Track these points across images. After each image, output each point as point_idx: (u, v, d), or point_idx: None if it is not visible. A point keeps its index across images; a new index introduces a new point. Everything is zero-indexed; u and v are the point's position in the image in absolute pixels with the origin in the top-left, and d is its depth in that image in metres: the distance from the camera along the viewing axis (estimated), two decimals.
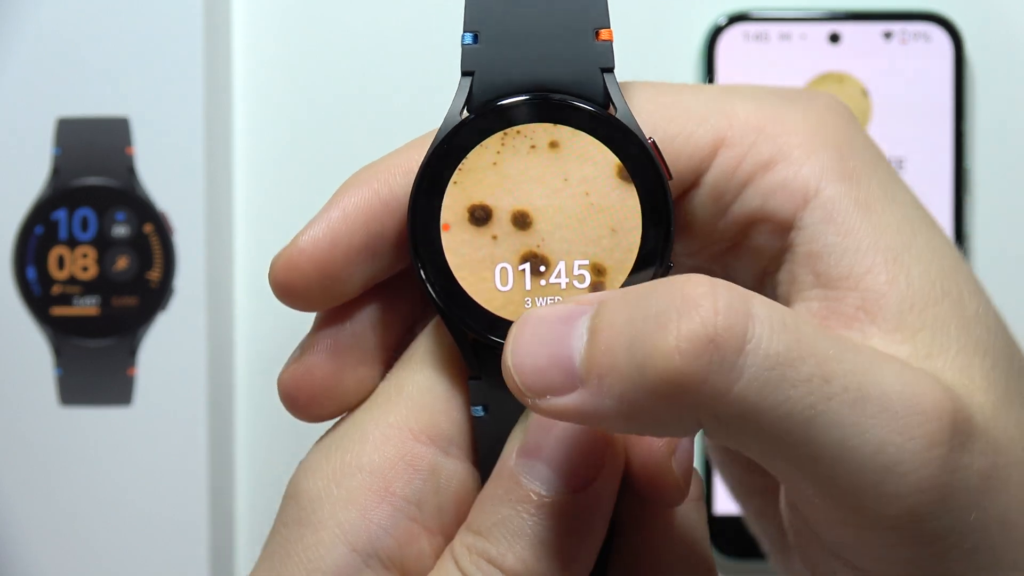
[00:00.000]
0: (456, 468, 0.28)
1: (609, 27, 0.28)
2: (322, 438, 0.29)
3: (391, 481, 0.27)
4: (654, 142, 0.27)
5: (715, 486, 0.52)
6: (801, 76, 0.53)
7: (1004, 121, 0.53)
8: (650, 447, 0.27)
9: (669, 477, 0.27)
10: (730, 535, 0.52)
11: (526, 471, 0.26)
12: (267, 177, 0.54)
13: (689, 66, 0.53)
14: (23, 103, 0.50)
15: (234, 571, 0.53)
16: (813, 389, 0.23)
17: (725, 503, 0.52)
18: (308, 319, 0.53)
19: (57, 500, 0.50)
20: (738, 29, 0.52)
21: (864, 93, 0.52)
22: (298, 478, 0.28)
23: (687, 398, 0.23)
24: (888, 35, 0.52)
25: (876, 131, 0.52)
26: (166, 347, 0.50)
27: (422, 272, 0.27)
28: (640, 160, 0.27)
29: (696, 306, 0.23)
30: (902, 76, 0.52)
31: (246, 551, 0.53)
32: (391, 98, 0.53)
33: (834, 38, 0.52)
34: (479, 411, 0.28)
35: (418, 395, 0.28)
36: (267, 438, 0.54)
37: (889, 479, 0.24)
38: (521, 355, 0.25)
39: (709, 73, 0.52)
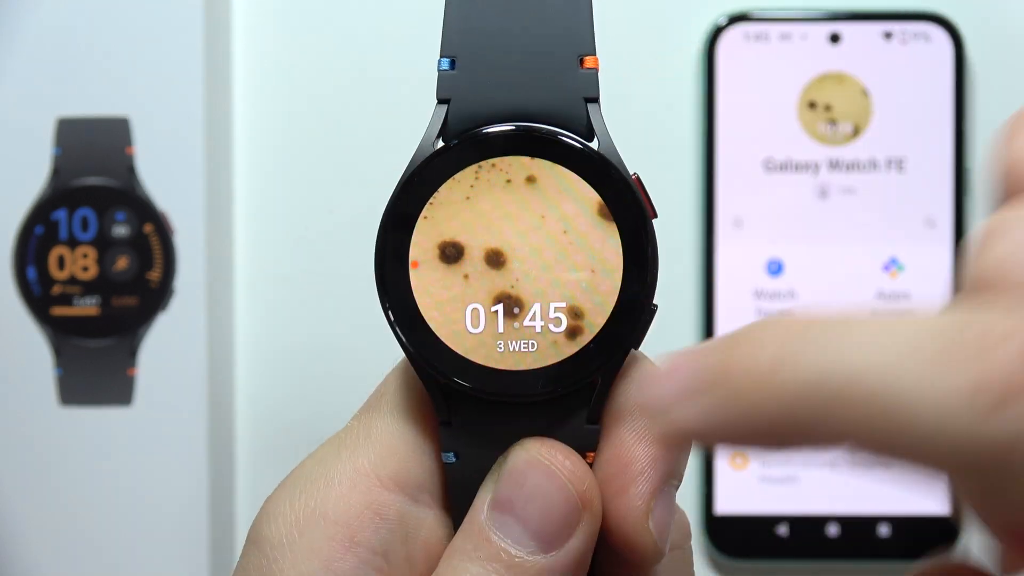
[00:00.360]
0: (426, 517, 0.27)
1: (595, 54, 0.26)
2: (286, 479, 0.28)
3: (356, 531, 0.26)
4: (638, 177, 0.26)
5: (715, 486, 0.52)
6: (801, 76, 0.53)
7: (1004, 121, 0.53)
8: (626, 506, 0.26)
9: (645, 538, 0.26)
10: (730, 535, 0.52)
11: (497, 527, 0.25)
12: (267, 177, 0.54)
13: (689, 66, 0.53)
14: (23, 103, 0.50)
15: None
16: None
17: (725, 503, 0.52)
18: (306, 319, 0.54)
19: (57, 500, 0.50)
20: (738, 29, 0.52)
21: (864, 93, 0.52)
22: (260, 523, 0.27)
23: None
24: (888, 35, 0.52)
25: (876, 131, 0.52)
26: (166, 347, 0.50)
27: (389, 312, 0.26)
28: (622, 197, 0.26)
29: None
30: (902, 76, 0.52)
31: None
32: (391, 98, 0.53)
33: (834, 38, 0.52)
34: (450, 457, 0.26)
35: (387, 440, 0.27)
36: (267, 438, 0.54)
37: None
38: None
39: (709, 73, 0.52)
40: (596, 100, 0.26)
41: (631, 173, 0.26)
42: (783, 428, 0.19)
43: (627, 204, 0.26)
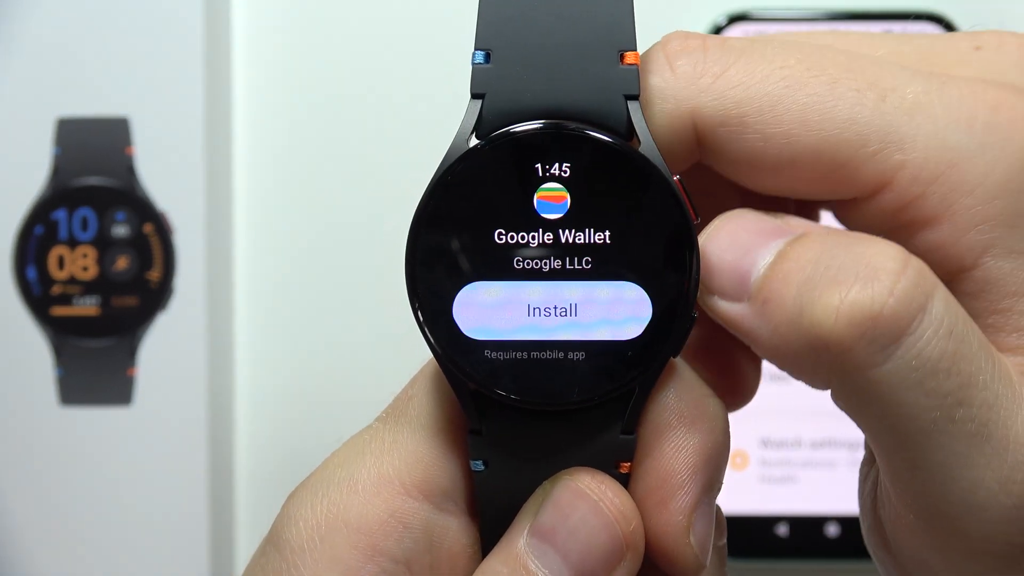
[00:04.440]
0: (451, 524, 0.26)
1: (636, 50, 0.26)
2: (309, 480, 0.27)
3: (379, 540, 0.25)
4: (680, 180, 0.25)
5: None
6: None
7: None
8: (667, 520, 0.26)
9: (686, 552, 0.26)
10: (729, 535, 0.52)
11: (537, 556, 0.25)
12: (267, 177, 0.54)
13: None
14: (23, 103, 0.50)
15: (234, 571, 0.53)
16: (944, 406, 0.23)
17: (725, 503, 0.52)
18: (306, 319, 0.54)
19: (57, 500, 0.50)
20: (738, 29, 0.52)
21: None
22: (281, 525, 0.26)
23: (828, 357, 0.24)
24: None
25: None
26: (166, 347, 0.50)
27: (419, 314, 0.25)
28: (664, 200, 0.25)
29: (874, 279, 0.23)
30: None
31: (246, 551, 0.53)
32: (391, 98, 0.53)
33: None
34: (478, 465, 0.26)
35: (413, 447, 0.26)
36: (267, 438, 0.54)
37: (972, 518, 0.24)
38: (711, 249, 0.25)
39: None
40: (637, 98, 0.25)
41: (674, 175, 0.25)
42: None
43: (669, 207, 0.25)
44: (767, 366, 0.27)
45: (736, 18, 0.52)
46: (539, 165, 0.25)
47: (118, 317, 0.50)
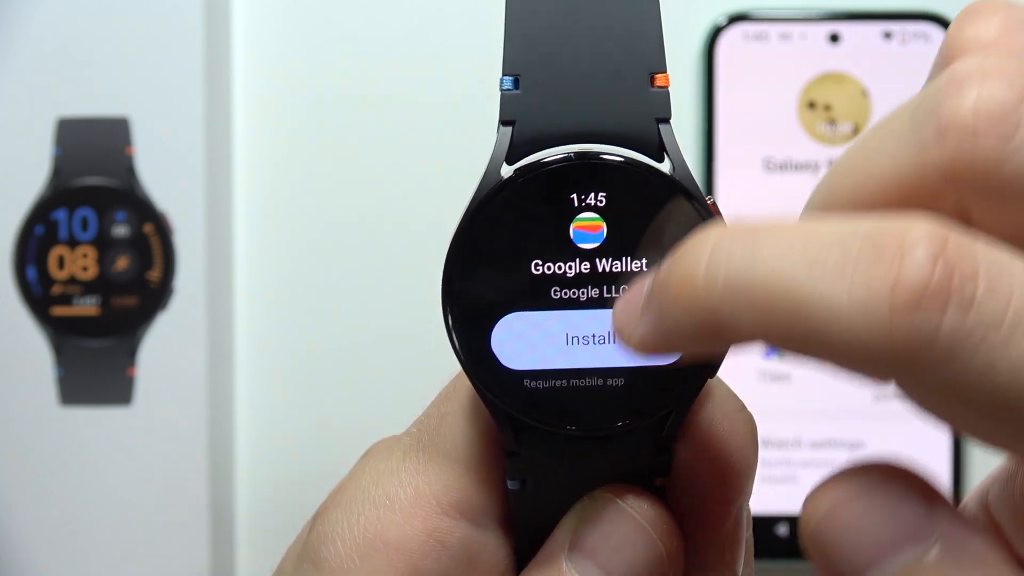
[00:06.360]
0: (488, 540, 0.26)
1: (666, 71, 0.25)
2: (341, 497, 0.27)
3: (418, 560, 0.25)
4: (714, 203, 0.25)
5: None
6: (801, 76, 0.53)
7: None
8: (704, 544, 0.26)
9: (723, 572, 0.26)
10: None
11: (579, 571, 0.25)
12: (267, 177, 0.54)
13: (689, 66, 0.53)
14: (23, 103, 0.50)
15: (234, 571, 0.53)
16: None
17: None
18: (306, 319, 0.54)
19: (57, 500, 0.50)
20: (738, 29, 0.52)
21: (864, 93, 0.52)
22: (318, 543, 0.26)
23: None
24: (888, 35, 0.52)
25: None
26: (166, 347, 0.50)
27: (457, 345, 0.25)
28: (699, 223, 0.25)
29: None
30: (902, 76, 0.52)
31: (246, 551, 0.53)
32: (392, 98, 0.53)
33: (834, 38, 0.52)
34: (515, 485, 0.26)
35: (449, 465, 0.26)
36: (267, 438, 0.54)
37: None
38: (823, 533, 0.23)
39: (709, 73, 0.52)
40: (668, 120, 0.25)
41: (707, 199, 0.25)
42: (711, 328, 0.20)
43: None
44: (767, 365, 0.27)
45: (736, 18, 0.52)
46: (574, 195, 0.25)
47: (118, 317, 0.50)
